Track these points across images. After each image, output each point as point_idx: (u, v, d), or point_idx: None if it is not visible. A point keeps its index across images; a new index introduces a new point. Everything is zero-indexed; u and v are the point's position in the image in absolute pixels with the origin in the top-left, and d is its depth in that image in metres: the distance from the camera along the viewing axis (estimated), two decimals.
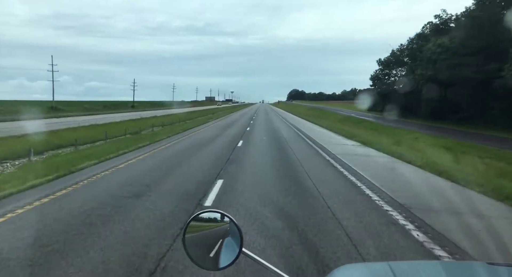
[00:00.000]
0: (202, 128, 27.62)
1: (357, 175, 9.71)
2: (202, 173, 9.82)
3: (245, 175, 9.96)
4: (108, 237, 5.02)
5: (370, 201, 7.14)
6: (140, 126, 28.08)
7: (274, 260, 4.23)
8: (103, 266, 4.14)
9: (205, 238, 1.57)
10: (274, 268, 1.48)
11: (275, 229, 5.37)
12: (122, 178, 9.25)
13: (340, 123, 37.48)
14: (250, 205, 6.64)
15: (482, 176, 9.50)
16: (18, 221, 5.73)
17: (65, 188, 7.89)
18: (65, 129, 25.21)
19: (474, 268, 1.52)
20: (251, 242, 4.74)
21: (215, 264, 1.50)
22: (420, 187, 8.44)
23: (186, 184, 8.50)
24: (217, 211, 1.59)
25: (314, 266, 4.16)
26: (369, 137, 20.56)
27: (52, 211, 6.23)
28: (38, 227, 5.37)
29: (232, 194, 7.58)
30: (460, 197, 7.50)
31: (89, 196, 7.24)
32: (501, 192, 7.62)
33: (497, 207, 6.95)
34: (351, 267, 1.83)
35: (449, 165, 10.96)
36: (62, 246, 4.66)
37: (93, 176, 9.25)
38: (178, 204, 6.70)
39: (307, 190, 8.01)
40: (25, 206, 6.51)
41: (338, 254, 4.51)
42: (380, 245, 4.81)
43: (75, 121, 34.91)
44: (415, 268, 1.58)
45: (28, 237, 4.98)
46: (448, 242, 4.96)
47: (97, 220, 5.75)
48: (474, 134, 29.21)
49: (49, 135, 20.28)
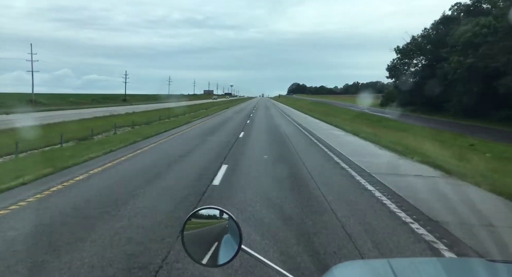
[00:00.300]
0: (179, 131, 20.28)
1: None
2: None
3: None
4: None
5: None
6: (103, 126, 20.92)
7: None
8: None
9: (204, 235, 1.57)
10: (273, 264, 1.47)
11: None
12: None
13: (357, 122, 30.06)
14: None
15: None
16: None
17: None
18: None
19: (473, 265, 1.50)
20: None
21: (214, 261, 1.50)
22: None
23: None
24: (216, 207, 1.57)
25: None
26: (432, 152, 13.01)
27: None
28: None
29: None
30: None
31: None
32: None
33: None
34: (350, 264, 1.90)
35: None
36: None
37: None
38: None
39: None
40: None
41: None
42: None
43: (17, 119, 26.98)
44: (415, 265, 1.56)
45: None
46: None
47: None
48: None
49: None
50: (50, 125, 21.71)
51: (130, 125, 23.68)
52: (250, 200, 6.59)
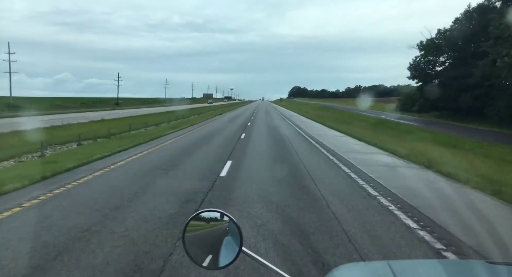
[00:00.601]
0: (127, 158, 13.11)
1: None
2: None
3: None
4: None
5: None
6: (27, 144, 14.11)
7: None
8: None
9: (205, 237, 1.57)
10: (274, 267, 1.46)
11: None
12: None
13: (387, 134, 22.83)
14: None
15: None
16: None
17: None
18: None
19: (474, 267, 1.47)
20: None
21: (214, 264, 1.49)
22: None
23: None
24: (216, 210, 1.57)
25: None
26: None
27: None
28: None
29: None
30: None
31: None
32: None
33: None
34: (351, 266, 1.86)
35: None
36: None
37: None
38: None
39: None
40: None
41: None
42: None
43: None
44: (415, 267, 1.54)
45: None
46: None
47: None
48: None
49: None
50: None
51: (76, 141, 16.56)
52: None
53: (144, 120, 29.37)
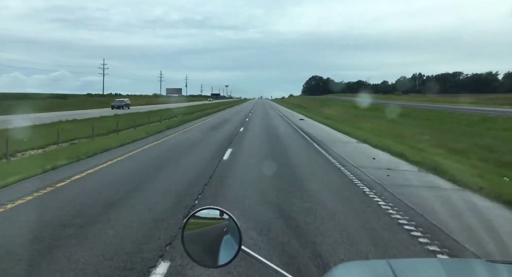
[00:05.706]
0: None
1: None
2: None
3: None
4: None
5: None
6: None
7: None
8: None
9: (204, 235, 1.54)
10: (273, 265, 1.45)
11: None
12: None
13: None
14: None
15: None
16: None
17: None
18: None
19: (473, 266, 1.48)
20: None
21: (214, 262, 1.47)
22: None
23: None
24: (216, 208, 1.55)
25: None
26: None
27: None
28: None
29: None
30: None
31: None
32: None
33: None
34: (350, 265, 1.87)
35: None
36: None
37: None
38: None
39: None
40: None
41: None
42: None
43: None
44: (414, 266, 1.56)
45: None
46: None
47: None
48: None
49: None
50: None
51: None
52: None
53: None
